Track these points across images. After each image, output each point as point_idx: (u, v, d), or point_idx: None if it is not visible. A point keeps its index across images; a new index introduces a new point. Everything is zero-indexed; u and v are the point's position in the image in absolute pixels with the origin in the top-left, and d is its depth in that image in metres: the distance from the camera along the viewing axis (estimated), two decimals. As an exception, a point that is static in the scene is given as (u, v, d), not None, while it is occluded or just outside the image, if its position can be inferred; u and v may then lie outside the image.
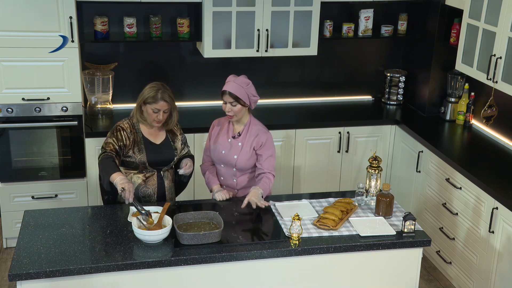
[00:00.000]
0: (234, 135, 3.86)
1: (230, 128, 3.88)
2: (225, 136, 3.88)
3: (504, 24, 4.23)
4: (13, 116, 4.63)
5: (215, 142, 3.90)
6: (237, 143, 3.84)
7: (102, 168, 3.59)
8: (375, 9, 5.42)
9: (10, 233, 4.91)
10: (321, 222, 3.49)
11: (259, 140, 3.81)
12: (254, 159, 3.85)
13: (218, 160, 3.90)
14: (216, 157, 3.90)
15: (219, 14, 4.91)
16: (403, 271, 3.52)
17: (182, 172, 3.77)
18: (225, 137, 3.87)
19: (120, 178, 3.46)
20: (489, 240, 4.14)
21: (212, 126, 3.98)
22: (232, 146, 3.84)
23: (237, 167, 3.85)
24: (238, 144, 3.83)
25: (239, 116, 3.78)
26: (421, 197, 4.97)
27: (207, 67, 5.41)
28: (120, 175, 3.49)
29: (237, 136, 3.85)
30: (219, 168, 3.93)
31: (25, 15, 4.43)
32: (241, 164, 3.83)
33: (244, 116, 3.83)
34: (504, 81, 4.27)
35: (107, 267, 3.08)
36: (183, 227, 3.35)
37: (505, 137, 4.81)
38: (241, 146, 3.82)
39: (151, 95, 3.65)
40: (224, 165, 3.89)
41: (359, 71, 5.76)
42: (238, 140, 3.84)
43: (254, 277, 3.32)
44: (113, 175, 3.49)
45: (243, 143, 3.83)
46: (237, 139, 3.84)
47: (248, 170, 3.88)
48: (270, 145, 3.85)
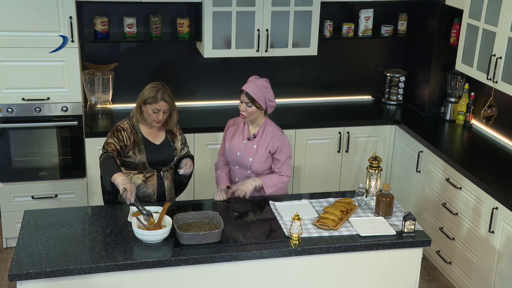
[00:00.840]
0: (249, 136, 3.84)
1: (246, 130, 3.87)
2: (240, 137, 3.86)
3: (504, 24, 4.23)
4: (13, 116, 4.63)
5: (231, 143, 3.88)
6: (252, 145, 3.82)
7: (104, 168, 3.59)
8: (375, 9, 5.42)
9: (10, 233, 4.91)
10: (321, 222, 3.49)
11: (275, 144, 3.80)
12: (269, 161, 3.85)
13: (233, 162, 3.90)
14: (231, 159, 3.89)
15: (219, 14, 4.91)
16: (403, 271, 3.51)
17: (182, 172, 3.76)
18: (240, 139, 3.86)
19: (122, 178, 3.46)
20: (489, 240, 4.14)
21: (227, 126, 3.97)
22: (247, 148, 3.82)
23: (252, 170, 3.84)
24: (253, 146, 3.82)
25: (252, 117, 3.77)
26: (421, 197, 4.97)
27: (207, 67, 5.41)
28: (122, 176, 3.49)
29: (252, 138, 3.83)
30: (234, 170, 3.93)
31: (25, 15, 4.43)
32: (256, 166, 3.83)
33: (259, 118, 3.81)
34: (504, 81, 4.27)
35: (107, 267, 3.08)
36: (183, 227, 3.35)
37: (505, 137, 4.81)
38: (256, 148, 3.81)
39: (151, 95, 3.65)
40: (239, 167, 3.88)
41: (359, 71, 5.76)
42: (253, 142, 3.82)
43: (254, 277, 3.32)
44: (114, 175, 3.49)
45: (258, 145, 3.81)
46: (252, 141, 3.83)
47: (264, 173, 3.87)
48: (287, 148, 3.84)
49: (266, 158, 3.82)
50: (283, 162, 3.83)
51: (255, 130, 3.85)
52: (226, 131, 3.97)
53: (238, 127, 3.90)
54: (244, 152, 3.83)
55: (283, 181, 3.84)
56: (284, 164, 3.84)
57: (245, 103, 3.72)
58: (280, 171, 3.84)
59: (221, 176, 3.95)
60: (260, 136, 3.82)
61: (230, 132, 3.93)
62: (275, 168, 3.85)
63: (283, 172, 3.84)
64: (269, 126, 3.84)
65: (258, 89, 3.70)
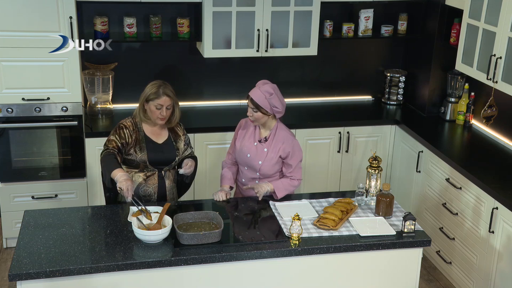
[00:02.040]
0: (261, 139, 3.84)
1: (257, 132, 3.86)
2: (251, 139, 3.86)
3: (504, 24, 4.23)
4: (13, 116, 4.63)
5: (241, 144, 3.88)
6: (263, 148, 3.81)
7: (104, 165, 3.62)
8: (375, 9, 5.42)
9: (10, 233, 4.91)
10: (321, 222, 3.49)
11: (286, 150, 3.79)
12: (279, 165, 3.84)
13: (242, 163, 3.89)
14: (240, 160, 3.89)
15: (219, 14, 4.91)
16: (403, 271, 3.51)
17: (182, 171, 3.77)
18: (251, 140, 3.85)
19: (120, 174, 3.47)
20: (489, 240, 4.14)
21: (239, 126, 3.96)
22: (258, 151, 3.82)
23: (261, 172, 3.84)
24: (264, 149, 3.81)
25: (260, 122, 3.77)
26: (421, 197, 4.97)
27: (207, 67, 5.40)
28: (121, 171, 3.50)
29: (264, 141, 3.82)
30: (243, 170, 3.92)
31: (25, 15, 4.43)
32: (265, 169, 3.82)
33: (269, 121, 3.80)
34: (504, 81, 4.27)
35: (107, 267, 3.08)
36: (183, 227, 3.35)
37: (505, 137, 4.81)
38: (267, 152, 3.81)
39: (153, 92, 3.67)
40: (248, 168, 3.88)
41: (359, 71, 5.76)
42: (264, 145, 3.82)
43: (254, 277, 3.32)
44: (114, 171, 3.50)
45: (269, 149, 3.81)
46: (263, 145, 3.82)
47: (272, 176, 3.87)
48: (298, 152, 3.83)
49: (276, 162, 3.82)
50: (295, 167, 3.82)
51: (267, 133, 3.84)
52: (238, 130, 3.95)
53: (249, 128, 3.89)
54: (255, 154, 3.82)
55: (294, 184, 3.83)
56: (296, 169, 3.83)
57: (251, 108, 3.72)
58: (292, 175, 3.83)
59: (226, 176, 3.94)
60: (271, 140, 3.81)
61: (242, 133, 3.92)
62: (286, 173, 3.84)
63: (294, 176, 3.83)
64: (281, 130, 3.83)
65: (263, 95, 3.68)
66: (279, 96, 3.75)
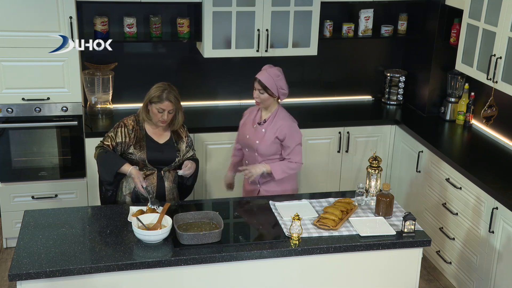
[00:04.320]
0: (260, 121, 4.00)
1: (258, 115, 4.05)
2: (251, 122, 4.05)
3: (504, 24, 4.23)
4: (13, 116, 4.63)
5: (243, 127, 4.10)
6: (261, 129, 3.98)
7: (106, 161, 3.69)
8: (375, 9, 5.42)
9: (10, 233, 4.91)
10: (321, 222, 3.49)
11: (283, 131, 3.93)
12: (276, 147, 3.97)
13: (243, 145, 4.11)
14: (242, 141, 4.12)
15: (219, 14, 4.91)
16: (403, 271, 3.52)
17: (181, 172, 3.77)
18: (251, 123, 4.05)
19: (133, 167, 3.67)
20: (489, 240, 4.14)
21: (244, 115, 4.19)
22: (256, 132, 3.99)
23: (259, 152, 3.98)
24: (262, 130, 3.98)
25: (266, 104, 3.94)
26: (421, 197, 4.96)
27: (207, 67, 5.40)
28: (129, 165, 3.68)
29: (263, 123, 3.98)
30: (245, 153, 4.13)
31: (25, 15, 4.43)
32: (262, 149, 3.96)
33: (272, 105, 3.98)
34: (504, 81, 4.27)
35: (107, 267, 3.08)
36: (183, 227, 3.35)
37: (505, 137, 4.81)
38: (264, 132, 3.96)
39: (156, 95, 3.69)
40: (248, 149, 4.06)
41: (359, 71, 5.76)
42: (263, 126, 3.98)
43: (254, 277, 3.33)
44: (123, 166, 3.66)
45: (267, 129, 3.96)
46: (262, 126, 3.99)
47: (271, 157, 3.98)
48: (295, 134, 3.98)
49: (273, 143, 3.95)
50: (292, 149, 3.95)
51: (267, 116, 4.01)
52: (242, 119, 4.19)
53: (252, 114, 4.10)
54: (253, 134, 4.00)
55: (291, 167, 3.95)
56: (294, 151, 3.96)
57: (258, 90, 3.90)
58: (290, 158, 3.95)
59: (230, 163, 4.29)
60: (270, 121, 3.98)
61: (244, 120, 4.15)
62: (284, 155, 3.98)
63: (292, 159, 3.96)
64: (280, 113, 3.99)
65: (271, 77, 3.87)
66: (284, 78, 3.96)
